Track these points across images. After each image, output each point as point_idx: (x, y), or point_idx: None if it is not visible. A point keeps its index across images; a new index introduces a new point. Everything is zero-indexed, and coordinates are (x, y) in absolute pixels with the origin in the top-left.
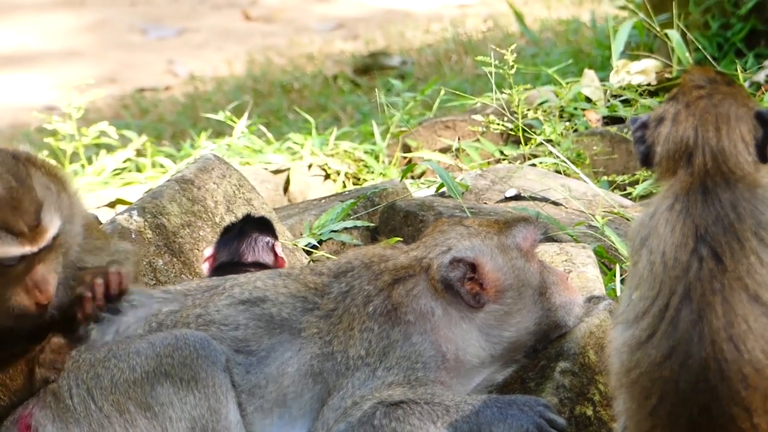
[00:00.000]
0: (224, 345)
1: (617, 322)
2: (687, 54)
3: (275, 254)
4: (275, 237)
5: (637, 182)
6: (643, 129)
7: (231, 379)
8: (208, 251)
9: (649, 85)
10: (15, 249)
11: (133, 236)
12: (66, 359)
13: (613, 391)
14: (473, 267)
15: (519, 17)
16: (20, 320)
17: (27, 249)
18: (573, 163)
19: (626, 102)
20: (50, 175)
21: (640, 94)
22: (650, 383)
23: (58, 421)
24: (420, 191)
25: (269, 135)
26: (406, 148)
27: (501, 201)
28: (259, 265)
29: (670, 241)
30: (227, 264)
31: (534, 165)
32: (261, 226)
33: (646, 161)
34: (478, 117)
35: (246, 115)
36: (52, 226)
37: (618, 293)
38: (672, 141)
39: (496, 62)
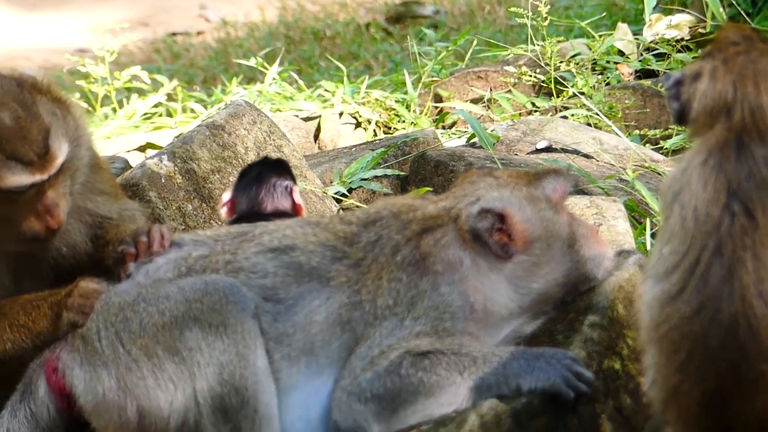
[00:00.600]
0: (252, 292)
1: (647, 276)
2: (721, 9)
3: (293, 199)
4: (293, 180)
5: (669, 136)
6: (678, 85)
7: (260, 326)
8: (227, 196)
9: (682, 39)
10: (25, 178)
11: (163, 181)
12: (94, 304)
13: (643, 345)
14: (502, 218)
15: None
16: (31, 245)
17: (37, 177)
18: (605, 116)
19: (659, 56)
20: (55, 100)
21: (676, 49)
22: (679, 338)
23: (86, 363)
24: (451, 141)
25: (300, 82)
26: (438, 98)
27: (532, 153)
28: (280, 214)
29: (702, 197)
30: (246, 216)
31: (565, 117)
32: (279, 169)
33: (681, 118)
34: (510, 68)
35: (278, 61)
36: (61, 152)
37: (648, 247)
38: (710, 97)
39: (530, 13)
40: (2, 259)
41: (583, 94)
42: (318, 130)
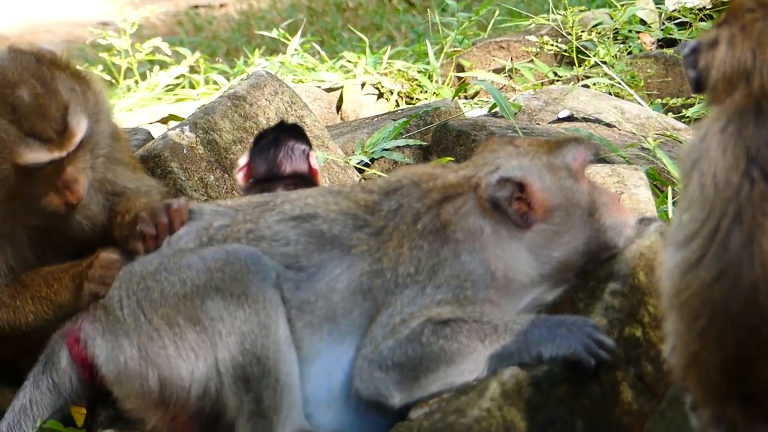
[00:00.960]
0: (275, 261)
1: (667, 243)
2: None
3: (309, 164)
4: (309, 145)
5: (690, 105)
6: (695, 53)
7: (281, 294)
8: (243, 160)
9: (704, 8)
10: (44, 155)
11: (185, 152)
12: (115, 275)
13: (663, 312)
14: (521, 186)
15: None
16: (52, 219)
17: (56, 155)
18: (627, 85)
19: (681, 25)
20: (74, 75)
21: (698, 17)
22: (700, 304)
23: (108, 333)
24: (472, 111)
25: (323, 53)
26: (460, 68)
27: (554, 122)
28: (297, 176)
29: (721, 163)
30: (265, 179)
31: (587, 86)
32: (295, 133)
33: (699, 86)
34: (532, 38)
35: (300, 32)
36: (79, 129)
37: (670, 215)
38: (729, 64)
39: None
40: (24, 233)
41: (604, 63)
42: (340, 100)
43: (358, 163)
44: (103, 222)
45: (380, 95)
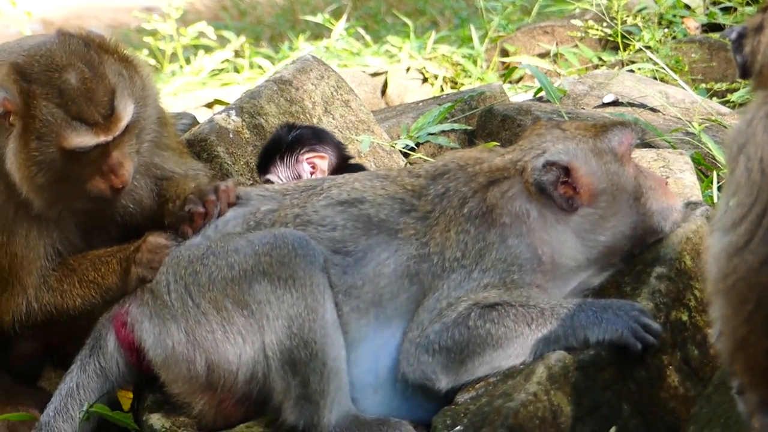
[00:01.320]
0: (322, 245)
1: (714, 228)
2: None
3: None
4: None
5: (735, 90)
6: (741, 38)
7: (328, 279)
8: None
9: None
10: (90, 139)
11: (231, 136)
12: (163, 259)
13: (710, 297)
14: (567, 170)
15: None
16: (98, 203)
17: (102, 139)
18: (671, 69)
19: (725, 10)
20: (122, 60)
21: (745, 2)
22: (747, 289)
23: (155, 317)
24: (517, 96)
25: (367, 38)
26: (504, 53)
27: (599, 106)
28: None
29: None
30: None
31: (632, 71)
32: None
33: (745, 71)
34: (576, 22)
35: (344, 17)
36: (126, 113)
37: (715, 200)
38: None
39: None
40: (70, 217)
41: (649, 48)
42: (385, 85)
43: (403, 148)
44: (151, 206)
45: (425, 80)
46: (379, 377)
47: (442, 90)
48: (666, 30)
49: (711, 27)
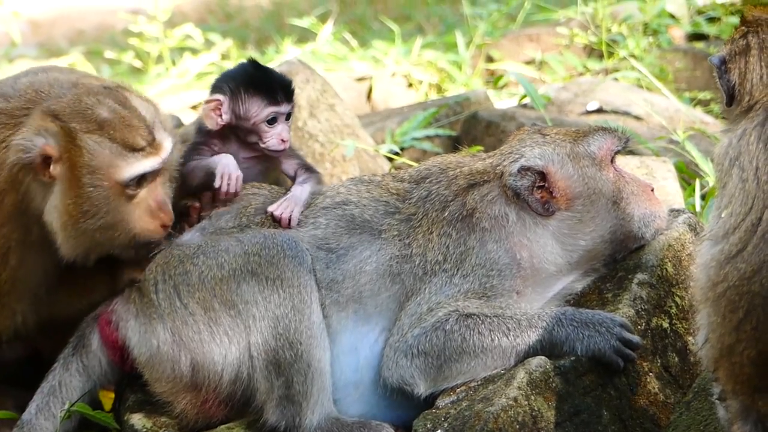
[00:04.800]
0: (304, 243)
1: (704, 239)
2: None
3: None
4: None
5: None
6: (725, 63)
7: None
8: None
9: (733, 3)
10: (141, 164)
11: None
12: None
13: (697, 305)
14: (542, 175)
15: None
16: (143, 248)
17: (153, 161)
18: (656, 78)
19: (710, 19)
20: (144, 98)
21: (728, 12)
22: (738, 297)
23: (141, 316)
24: (502, 102)
25: (353, 43)
26: (489, 60)
27: (583, 114)
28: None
29: (763, 156)
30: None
31: (616, 79)
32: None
33: (733, 95)
34: (562, 30)
35: (331, 22)
36: (165, 139)
37: (698, 208)
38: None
39: None
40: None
41: (634, 56)
42: (370, 90)
43: (388, 152)
44: None
45: (410, 85)
46: (360, 377)
47: (427, 95)
48: (651, 39)
49: (696, 36)
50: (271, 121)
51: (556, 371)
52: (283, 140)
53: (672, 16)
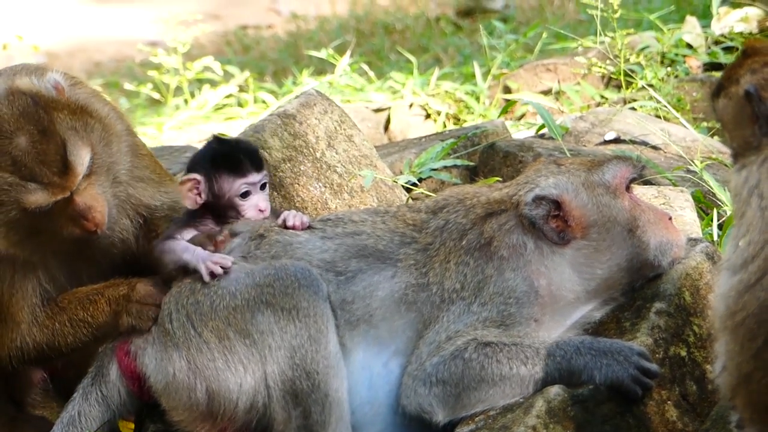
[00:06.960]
0: (313, 266)
1: (722, 269)
2: None
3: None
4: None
5: None
6: (760, 91)
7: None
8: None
9: (750, 33)
10: (46, 198)
11: None
12: (154, 310)
13: (716, 333)
14: (557, 204)
15: None
16: (79, 243)
17: (58, 197)
18: (673, 108)
19: (727, 49)
20: (74, 111)
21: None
22: (757, 325)
23: (158, 344)
24: (520, 132)
25: (371, 74)
26: (507, 90)
27: (600, 144)
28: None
29: None
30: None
31: (634, 109)
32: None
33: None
34: (580, 60)
35: (348, 53)
36: (81, 165)
37: (715, 237)
38: None
39: (600, 5)
40: (52, 257)
41: (651, 86)
42: (388, 121)
43: (406, 183)
44: (133, 240)
45: (427, 116)
46: (378, 405)
47: (445, 126)
48: (668, 69)
49: (713, 66)
50: (245, 194)
51: (575, 400)
52: (261, 210)
53: (689, 46)
